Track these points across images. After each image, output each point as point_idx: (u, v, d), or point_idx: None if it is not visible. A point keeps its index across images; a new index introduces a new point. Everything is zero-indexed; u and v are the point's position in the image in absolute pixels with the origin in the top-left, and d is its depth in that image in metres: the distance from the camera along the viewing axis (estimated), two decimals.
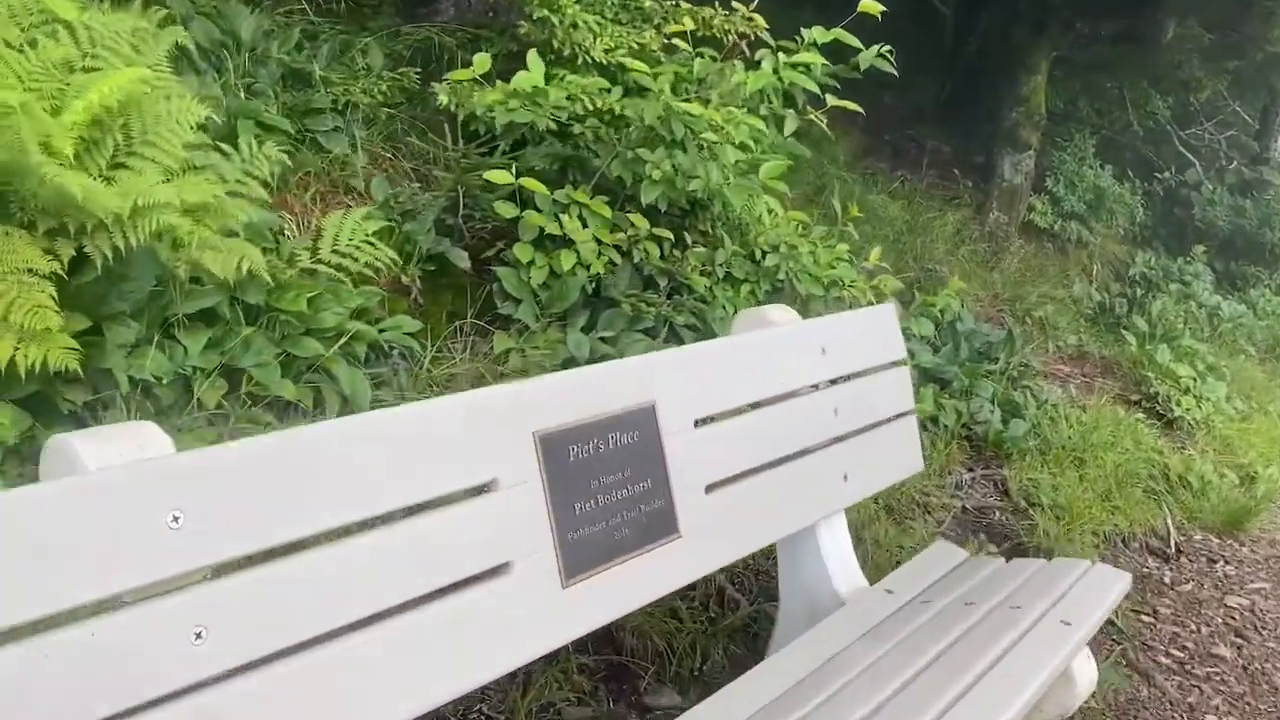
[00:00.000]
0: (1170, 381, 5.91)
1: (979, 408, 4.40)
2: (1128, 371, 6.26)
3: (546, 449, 1.61)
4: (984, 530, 3.78)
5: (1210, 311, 7.67)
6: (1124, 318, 7.03)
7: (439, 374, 2.99)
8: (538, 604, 1.57)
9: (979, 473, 4.08)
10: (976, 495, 3.94)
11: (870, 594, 2.23)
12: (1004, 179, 7.80)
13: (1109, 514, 4.19)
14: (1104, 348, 6.60)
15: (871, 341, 2.42)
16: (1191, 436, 5.55)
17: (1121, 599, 2.18)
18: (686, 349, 1.94)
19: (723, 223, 3.57)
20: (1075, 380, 6.02)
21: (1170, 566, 4.19)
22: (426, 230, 3.24)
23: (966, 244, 7.18)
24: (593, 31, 3.77)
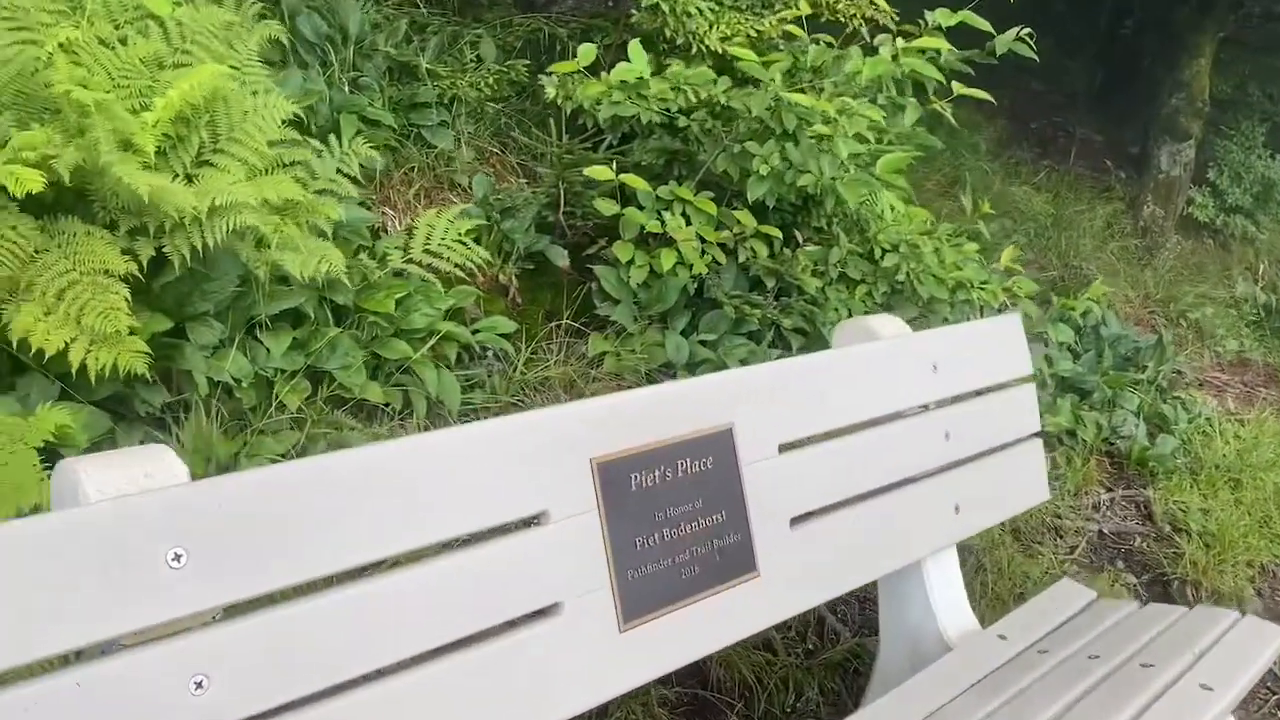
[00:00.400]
0: None
1: (1122, 421, 4.05)
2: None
3: (605, 477, 1.47)
4: (1122, 558, 3.45)
5: None
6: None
7: (532, 377, 2.89)
8: (591, 649, 1.43)
9: (1119, 493, 3.74)
10: (1115, 518, 3.61)
11: (981, 639, 2.01)
12: (1161, 170, 7.26)
13: (1268, 543, 3.79)
14: (1269, 354, 6.06)
15: (992, 355, 2.19)
16: None
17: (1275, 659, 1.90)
18: (771, 365, 1.76)
19: (838, 219, 3.35)
20: (1234, 390, 5.53)
21: None
22: (525, 228, 3.14)
23: (1116, 240, 6.71)
24: (707, 19, 3.59)
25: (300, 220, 2.45)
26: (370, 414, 2.56)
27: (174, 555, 1.08)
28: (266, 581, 1.14)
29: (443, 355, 2.69)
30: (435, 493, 1.30)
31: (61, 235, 2.01)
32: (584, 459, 1.45)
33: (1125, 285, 6.34)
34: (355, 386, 2.44)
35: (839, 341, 2.05)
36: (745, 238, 3.14)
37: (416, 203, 3.27)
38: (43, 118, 2.06)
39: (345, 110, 3.12)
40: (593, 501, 1.45)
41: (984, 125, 7.26)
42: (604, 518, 1.46)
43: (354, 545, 1.22)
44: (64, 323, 1.92)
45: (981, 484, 2.11)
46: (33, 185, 1.83)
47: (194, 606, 1.09)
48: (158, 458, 1.15)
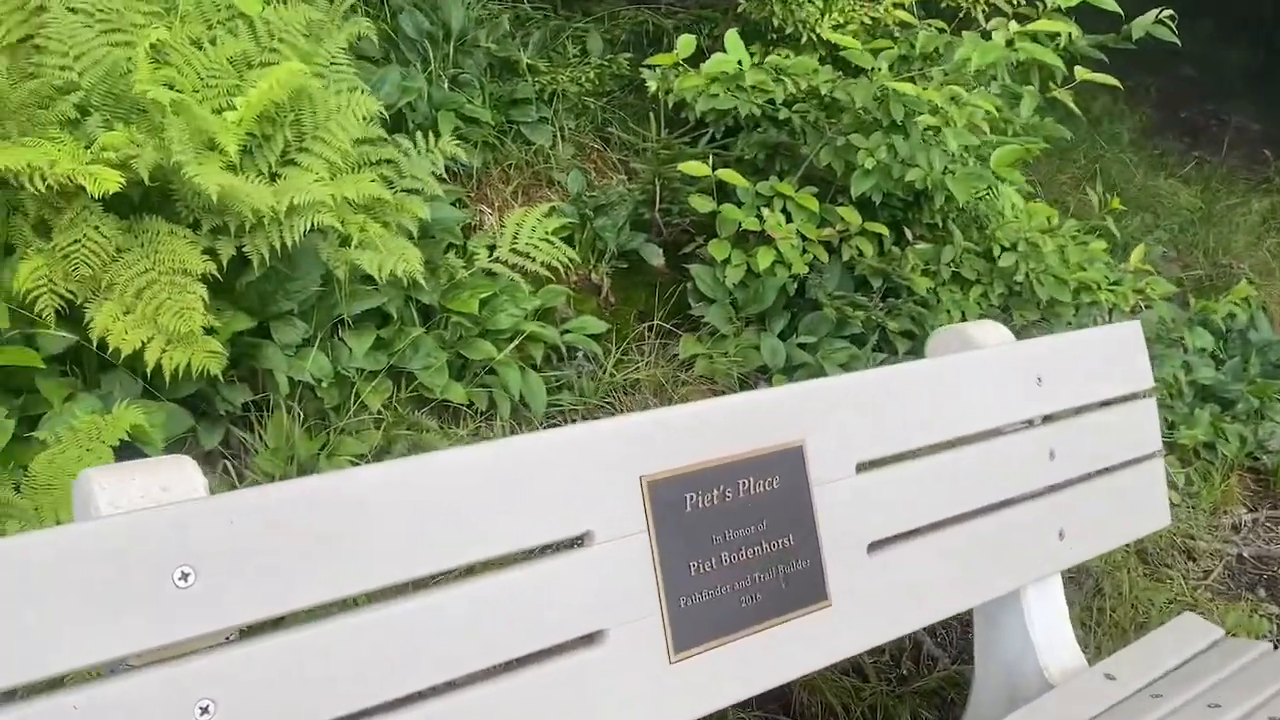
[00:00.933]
0: None
1: (1270, 434, 3.72)
2: None
3: (657, 497, 1.37)
4: (1264, 585, 3.16)
5: None
6: None
7: (621, 379, 2.81)
8: (636, 681, 1.34)
9: (1264, 514, 3.43)
10: (1258, 541, 3.31)
11: (1086, 678, 1.83)
12: None
13: None
14: None
15: (1107, 366, 2.00)
16: None
17: None
18: (849, 377, 1.63)
19: (953, 216, 3.16)
20: None
21: None
22: (619, 226, 3.06)
23: (1274, 236, 6.23)
24: (817, 6, 3.45)
25: (387, 220, 2.44)
26: (455, 415, 2.53)
27: (181, 575, 1.04)
28: (280, 604, 1.09)
29: (529, 356, 2.64)
30: (468, 511, 1.23)
31: (144, 234, 2.03)
32: (633, 477, 1.36)
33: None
34: (437, 387, 2.41)
35: (934, 350, 1.90)
36: (850, 235, 2.99)
37: (514, 200, 3.23)
38: (130, 119, 2.08)
39: (444, 108, 3.11)
40: (642, 523, 1.36)
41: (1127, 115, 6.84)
42: (654, 540, 1.36)
43: (378, 567, 1.15)
44: (141, 322, 1.93)
45: (1091, 508, 1.92)
46: (110, 185, 1.84)
47: (201, 628, 1.04)
48: (178, 470, 1.11)
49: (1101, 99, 6.77)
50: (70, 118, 2.02)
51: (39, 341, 1.96)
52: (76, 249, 1.92)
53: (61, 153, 1.88)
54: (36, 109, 2.00)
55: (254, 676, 1.07)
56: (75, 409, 1.91)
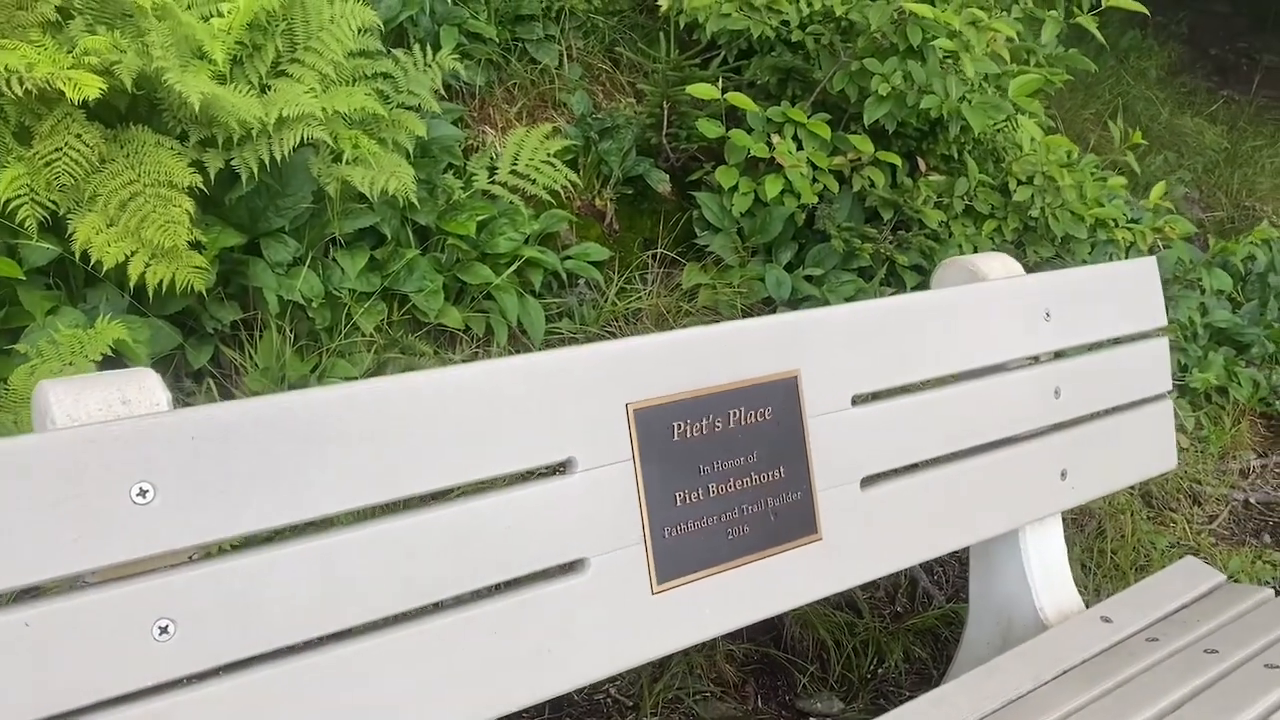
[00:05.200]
0: None
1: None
2: None
3: (643, 425, 1.33)
4: (1269, 531, 3.12)
5: None
6: None
7: (623, 307, 2.75)
8: (617, 611, 1.31)
9: (1273, 460, 3.38)
10: (1266, 488, 3.27)
11: (1082, 620, 1.80)
12: None
13: None
14: None
15: (1119, 303, 1.93)
16: None
17: None
18: (848, 307, 1.57)
19: (969, 147, 3.07)
20: None
21: None
22: (625, 150, 2.98)
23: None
24: None
25: (382, 136, 2.37)
26: (451, 340, 2.49)
27: (139, 490, 1.00)
28: (244, 523, 1.05)
29: (528, 282, 2.58)
30: (446, 435, 1.19)
31: (130, 145, 1.97)
32: (618, 404, 1.31)
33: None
34: (432, 311, 2.36)
35: (939, 282, 1.84)
36: (861, 165, 2.90)
37: (518, 121, 3.14)
38: (114, 24, 2.01)
39: (446, 22, 3.01)
40: (627, 451, 1.32)
41: (1155, 50, 6.65)
42: (639, 469, 1.32)
43: (348, 488, 1.12)
44: (124, 235, 1.88)
45: (1096, 448, 1.87)
46: (90, 91, 1.78)
47: (160, 546, 1.01)
48: (139, 383, 1.07)
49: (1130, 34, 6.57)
50: (51, 20, 1.95)
51: (21, 252, 1.92)
52: (58, 157, 1.86)
53: (41, 56, 1.82)
54: (16, 9, 1.93)
55: (217, 598, 1.04)
56: (58, 322, 1.87)
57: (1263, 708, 1.50)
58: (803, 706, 2.04)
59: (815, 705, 2.03)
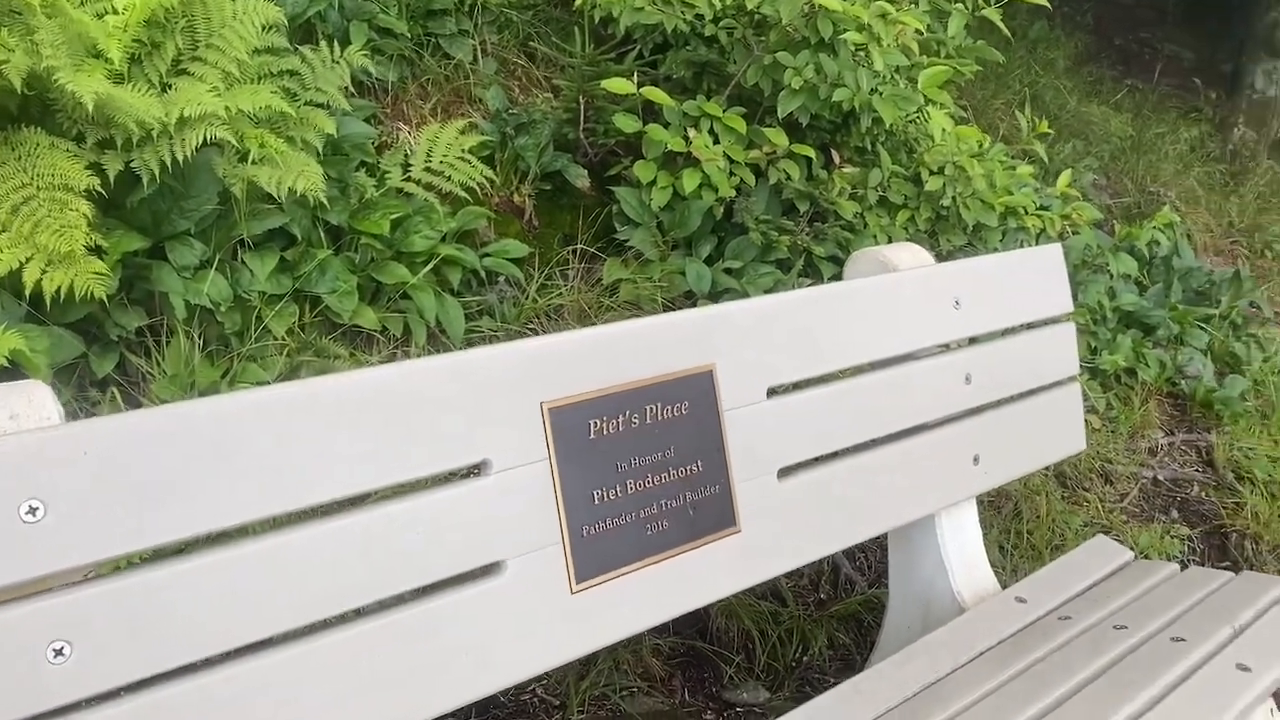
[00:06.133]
0: None
1: (1189, 360, 3.77)
2: None
3: (559, 424, 1.32)
4: (1177, 507, 3.23)
5: None
6: None
7: (544, 304, 2.74)
8: (536, 613, 1.30)
9: (1179, 438, 3.50)
10: (1173, 465, 3.38)
11: (998, 601, 1.84)
12: (1255, 90, 6.79)
13: None
14: None
15: (1026, 290, 1.98)
16: None
17: None
18: (760, 300, 1.58)
19: (881, 139, 3.11)
20: None
21: None
22: (542, 145, 2.96)
23: (1201, 164, 6.30)
24: None
25: (290, 135, 2.31)
26: (367, 341, 2.45)
27: (29, 508, 0.96)
28: (140, 539, 1.02)
29: (446, 280, 2.55)
30: (357, 439, 1.16)
31: (21, 147, 1.90)
32: (533, 403, 1.30)
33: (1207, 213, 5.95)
34: (346, 312, 2.32)
35: (851, 273, 1.86)
36: (777, 158, 2.92)
37: (432, 118, 3.10)
38: (2, 21, 1.93)
39: (355, 18, 2.95)
40: (543, 450, 1.31)
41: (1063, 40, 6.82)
42: (555, 468, 1.31)
43: (250, 499, 1.09)
44: (18, 240, 1.81)
45: (1007, 432, 1.92)
46: None
47: (52, 565, 0.97)
48: (27, 397, 1.03)
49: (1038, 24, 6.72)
50: None
51: None
52: None
53: None
54: None
55: (117, 616, 1.01)
56: None
57: (1168, 680, 1.54)
58: (729, 697, 2.05)
59: (741, 695, 2.04)
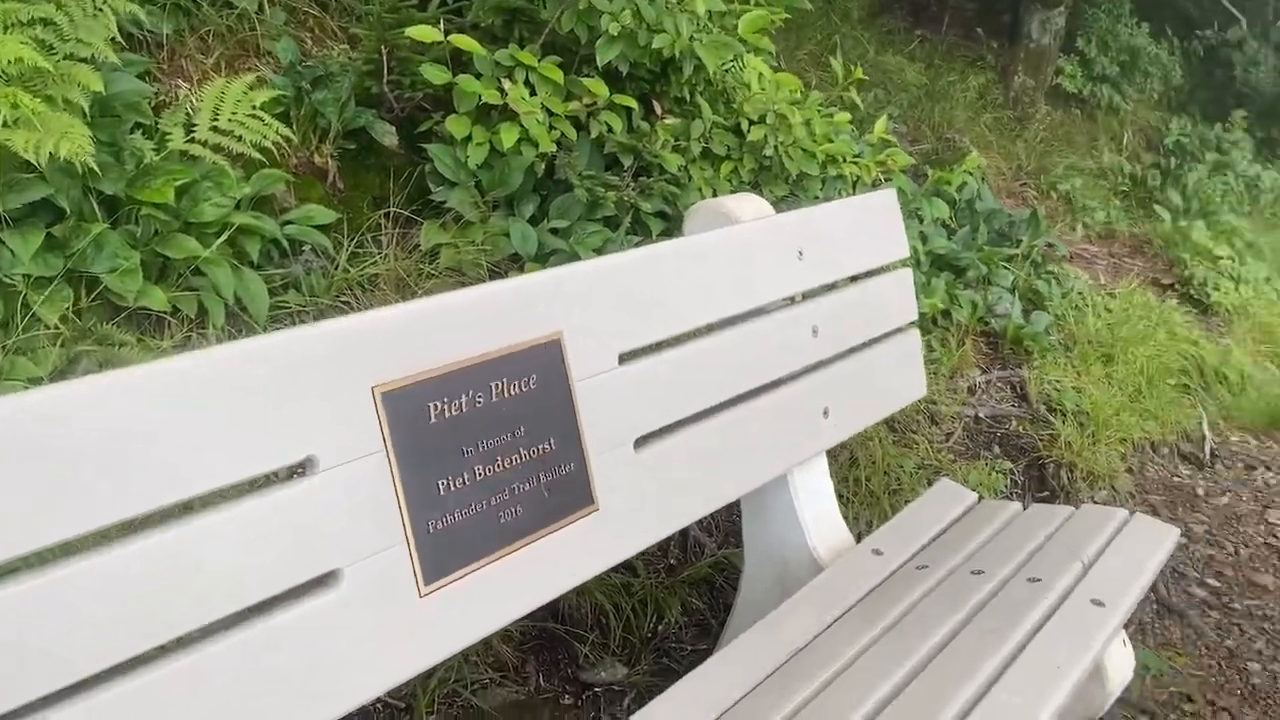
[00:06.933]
0: (1207, 262, 5.40)
1: (998, 299, 3.92)
2: (1160, 251, 5.75)
3: (393, 410, 1.16)
4: (998, 443, 3.34)
5: (1249, 183, 7.08)
6: (1156, 191, 6.47)
7: (356, 274, 2.53)
8: (383, 622, 1.15)
9: (995, 375, 3.63)
10: (991, 402, 3.50)
11: (855, 556, 1.81)
12: (1031, 39, 7.12)
13: (1139, 419, 3.75)
14: (1134, 225, 6.07)
15: (865, 236, 1.94)
16: (1229, 324, 5.07)
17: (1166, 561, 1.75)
18: (603, 260, 1.47)
19: (701, 89, 3.03)
20: (1103, 263, 5.51)
21: (1204, 475, 3.77)
22: (342, 101, 2.72)
23: (989, 111, 6.58)
24: None
25: (49, 93, 2.02)
26: (158, 324, 2.19)
27: None
28: None
29: (244, 253, 2.30)
30: (148, 445, 0.98)
31: None
32: (362, 389, 1.14)
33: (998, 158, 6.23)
34: (130, 293, 2.05)
35: (691, 227, 1.77)
36: (598, 110, 2.79)
37: (216, 73, 2.81)
38: None
39: None
40: (377, 441, 1.15)
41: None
42: (392, 459, 1.16)
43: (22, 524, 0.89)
44: None
45: (854, 383, 1.88)
46: None
47: None
48: None
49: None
50: None
51: None
52: None
53: None
54: None
55: None
56: None
57: (1033, 621, 1.55)
58: (586, 678, 1.95)
59: (599, 674, 1.95)
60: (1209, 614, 2.81)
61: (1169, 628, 2.72)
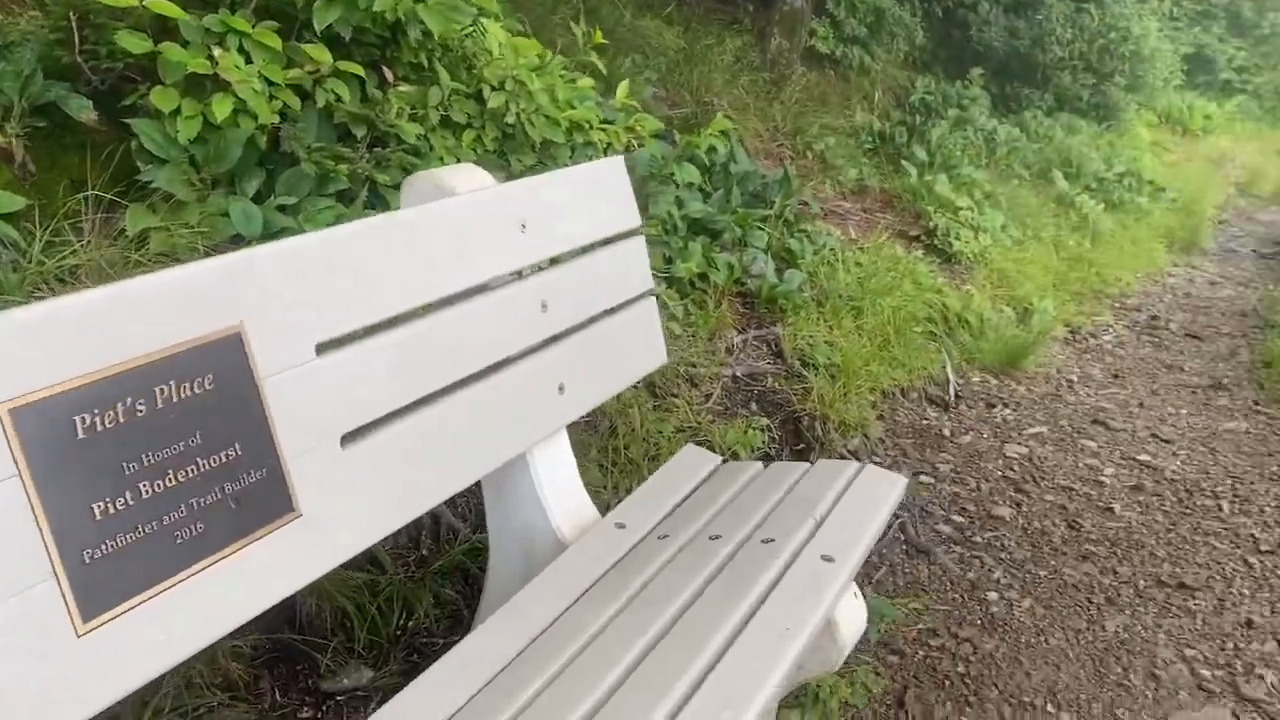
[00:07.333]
0: (949, 213, 5.73)
1: (753, 260, 4.00)
2: (908, 205, 6.04)
3: (29, 428, 1.02)
4: (756, 400, 3.42)
5: (987, 136, 7.56)
6: (904, 147, 6.80)
7: (53, 266, 2.27)
8: (30, 670, 1.01)
9: (751, 334, 3.70)
10: (748, 361, 3.57)
11: (599, 531, 1.77)
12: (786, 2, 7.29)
13: (887, 368, 3.93)
14: (884, 180, 6.36)
15: (593, 207, 1.89)
16: (971, 271, 5.40)
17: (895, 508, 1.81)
18: (295, 240, 1.35)
19: (437, 55, 2.90)
20: (855, 218, 5.75)
21: (949, 416, 4.00)
22: (27, 73, 2.44)
23: (746, 74, 6.70)
24: None
25: None
26: None
27: None
28: None
29: None
30: None
31: None
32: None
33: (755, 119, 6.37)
34: None
35: (409, 200, 1.67)
36: (323, 77, 2.62)
37: None
38: None
39: None
40: (10, 465, 1.00)
41: None
42: (30, 485, 1.01)
43: None
44: None
45: (589, 356, 1.84)
46: None
47: None
48: None
49: None
50: None
51: None
52: None
53: None
54: None
55: None
56: None
57: (764, 584, 1.55)
58: (328, 687, 1.84)
59: (342, 682, 1.84)
60: (953, 549, 2.98)
61: (917, 566, 2.86)
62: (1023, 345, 4.58)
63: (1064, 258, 6.09)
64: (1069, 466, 3.58)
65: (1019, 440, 3.81)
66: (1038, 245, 6.05)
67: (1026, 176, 7.24)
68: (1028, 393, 4.33)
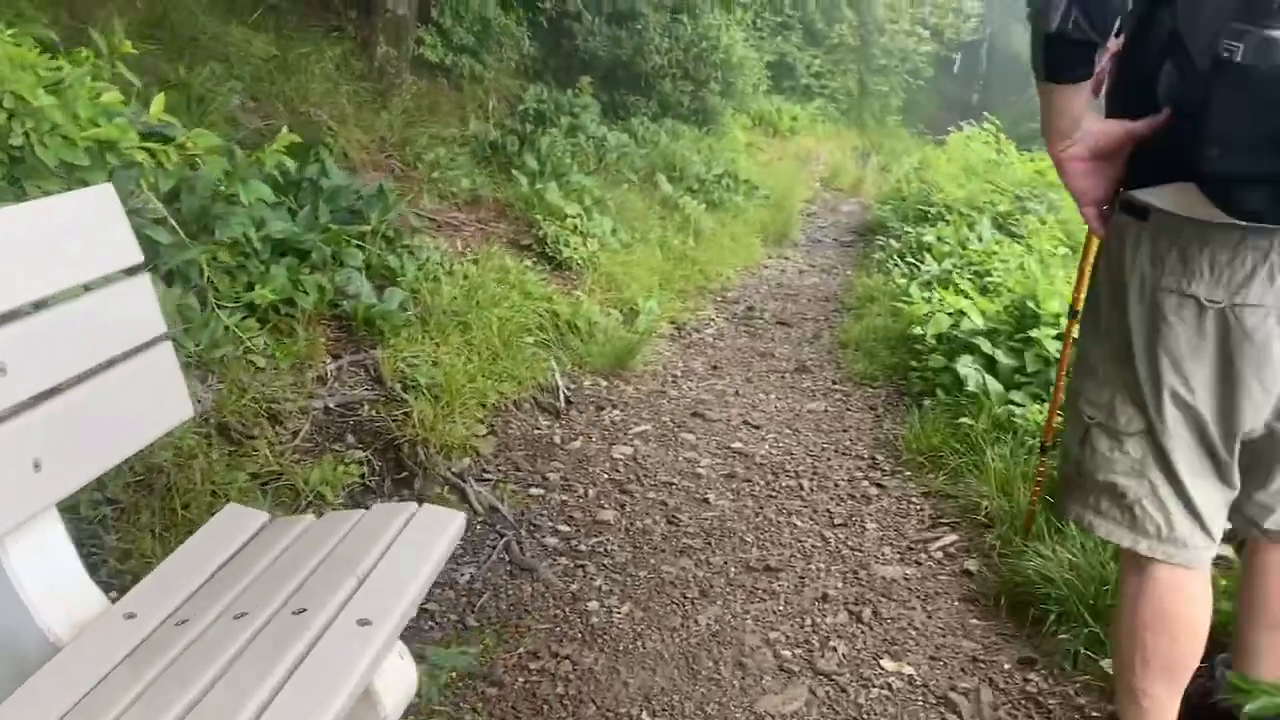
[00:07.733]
0: (558, 221, 5.80)
1: (347, 280, 3.79)
2: (520, 214, 6.06)
3: None
4: (351, 431, 3.22)
5: (598, 143, 7.78)
6: (515, 156, 6.82)
7: None
8: None
9: (347, 360, 3.50)
10: (344, 389, 3.36)
11: (102, 625, 1.53)
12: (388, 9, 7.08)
13: (496, 380, 3.87)
14: (497, 190, 6.34)
15: (72, 245, 1.63)
16: (580, 277, 5.49)
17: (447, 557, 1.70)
18: None
19: None
20: (469, 229, 5.67)
21: (560, 424, 4.01)
22: None
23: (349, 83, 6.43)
24: None
25: None
26: None
27: None
28: None
29: None
30: None
31: None
32: None
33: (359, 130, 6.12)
34: None
35: None
36: None
37: None
38: None
39: None
40: None
41: None
42: None
43: None
44: None
45: (76, 423, 1.58)
46: None
47: None
48: None
49: None
50: None
51: None
52: None
53: None
54: None
55: None
56: None
57: (288, 664, 1.39)
58: None
59: None
60: (559, 561, 2.95)
61: (521, 586, 2.80)
62: (630, 346, 4.71)
63: (669, 257, 6.37)
64: (670, 462, 3.70)
65: (625, 441, 3.89)
66: (645, 247, 6.28)
67: (635, 181, 7.51)
68: (635, 392, 4.45)
